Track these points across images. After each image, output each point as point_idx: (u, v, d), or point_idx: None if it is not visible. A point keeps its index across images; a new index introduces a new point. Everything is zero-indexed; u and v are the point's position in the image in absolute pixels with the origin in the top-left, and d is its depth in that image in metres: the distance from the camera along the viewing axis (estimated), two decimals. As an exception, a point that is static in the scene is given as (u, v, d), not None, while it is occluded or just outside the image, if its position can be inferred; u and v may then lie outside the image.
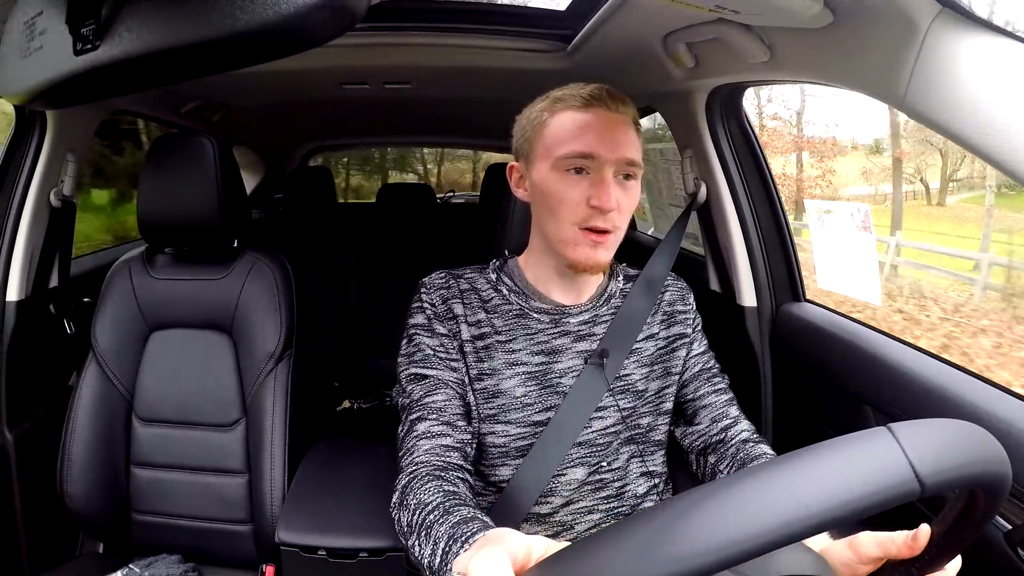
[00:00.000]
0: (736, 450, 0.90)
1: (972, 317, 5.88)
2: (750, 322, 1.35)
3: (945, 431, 0.37)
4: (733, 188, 1.33)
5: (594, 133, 0.82)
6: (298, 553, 1.09)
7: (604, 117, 0.83)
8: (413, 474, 0.78)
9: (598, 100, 0.84)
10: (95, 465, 1.24)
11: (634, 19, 1.14)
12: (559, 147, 0.83)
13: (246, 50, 0.43)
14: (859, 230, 1.33)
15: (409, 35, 1.33)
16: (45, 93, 0.54)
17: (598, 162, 0.82)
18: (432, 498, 0.72)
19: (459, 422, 0.85)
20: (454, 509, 0.69)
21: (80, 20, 0.47)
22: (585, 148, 0.82)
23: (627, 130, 0.84)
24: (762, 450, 0.89)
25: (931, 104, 0.67)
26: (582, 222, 0.83)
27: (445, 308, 0.92)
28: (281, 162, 3.01)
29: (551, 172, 0.84)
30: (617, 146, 0.82)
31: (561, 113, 0.85)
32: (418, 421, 0.85)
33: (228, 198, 1.24)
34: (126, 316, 1.29)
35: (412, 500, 0.74)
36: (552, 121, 0.86)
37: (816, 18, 0.77)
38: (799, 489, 0.33)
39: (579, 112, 0.84)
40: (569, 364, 0.91)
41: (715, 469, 0.92)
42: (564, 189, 0.83)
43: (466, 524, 0.65)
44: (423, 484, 0.75)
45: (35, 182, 1.31)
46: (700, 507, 0.33)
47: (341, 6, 0.41)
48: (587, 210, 0.82)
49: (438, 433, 0.83)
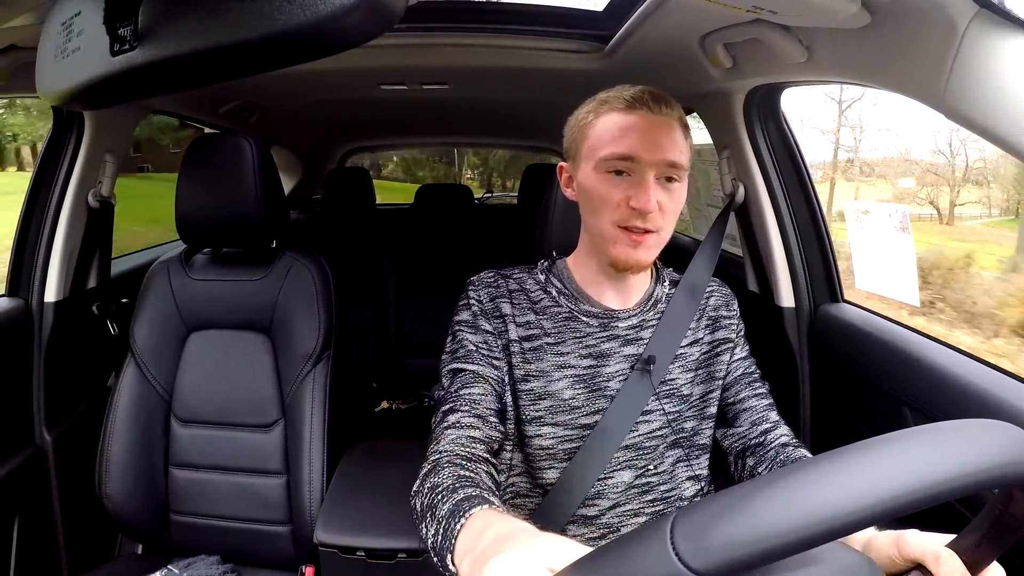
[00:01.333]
0: (775, 454, 0.90)
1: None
2: (788, 323, 1.34)
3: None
4: (771, 189, 1.33)
5: (636, 135, 0.82)
6: (337, 554, 1.09)
7: (647, 119, 0.83)
8: (435, 463, 0.77)
9: (641, 102, 0.84)
10: (134, 466, 1.24)
11: (672, 20, 1.14)
12: (601, 149, 0.84)
13: (284, 51, 0.43)
14: (897, 231, 1.32)
15: (446, 35, 1.33)
16: (82, 94, 0.54)
17: (639, 164, 0.82)
18: (443, 481, 0.72)
19: (491, 417, 0.85)
20: (460, 488, 0.69)
21: (117, 21, 0.47)
22: (626, 150, 0.82)
23: (670, 132, 0.84)
24: (801, 453, 0.89)
25: (970, 105, 0.67)
26: (621, 221, 0.83)
27: (492, 306, 0.92)
28: (319, 163, 3.02)
29: (594, 173, 0.85)
30: (659, 148, 0.82)
31: (605, 115, 0.86)
32: (450, 412, 0.84)
33: (267, 199, 1.24)
34: (164, 317, 1.30)
35: (426, 485, 0.74)
36: (597, 123, 0.86)
37: (854, 18, 0.77)
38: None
39: (622, 114, 0.84)
40: (617, 368, 0.91)
41: (753, 472, 0.92)
42: (606, 190, 0.84)
43: (468, 501, 0.65)
44: (440, 471, 0.75)
45: (73, 183, 1.32)
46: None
47: (379, 6, 0.40)
48: (627, 211, 0.82)
49: (467, 424, 0.83)
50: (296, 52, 0.43)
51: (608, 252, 0.86)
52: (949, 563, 0.50)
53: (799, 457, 0.88)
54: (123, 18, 0.47)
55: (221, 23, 0.42)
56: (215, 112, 1.89)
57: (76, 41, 0.52)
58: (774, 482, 0.35)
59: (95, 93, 0.54)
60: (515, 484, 0.92)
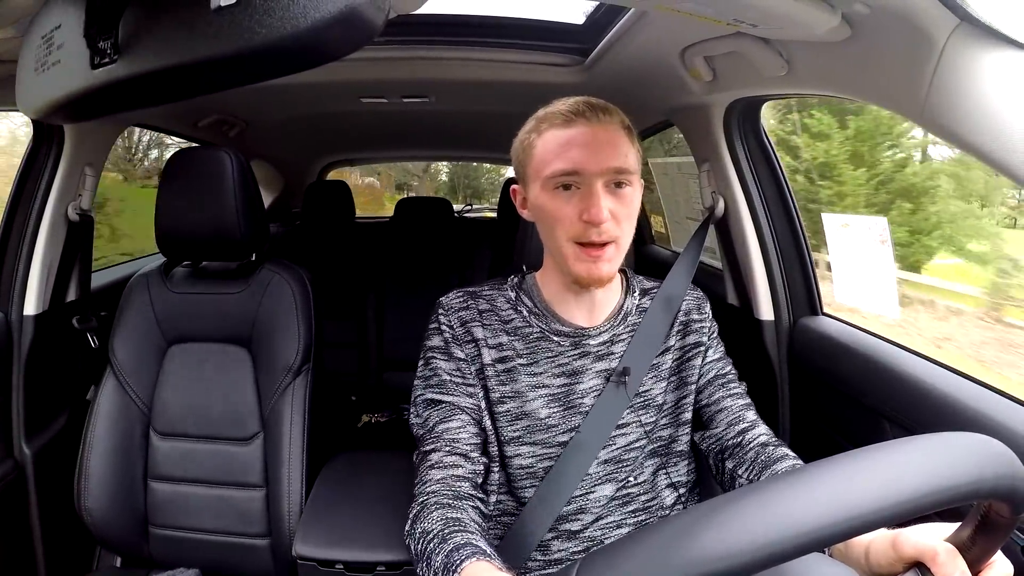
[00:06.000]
0: (756, 454, 0.89)
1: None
2: (768, 336, 1.35)
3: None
4: (751, 202, 1.33)
5: (577, 148, 0.82)
6: (315, 567, 1.09)
7: (586, 130, 0.83)
8: (423, 504, 0.81)
9: (578, 114, 0.84)
10: (113, 479, 1.24)
11: (652, 33, 1.14)
12: (546, 167, 0.84)
13: (264, 65, 0.43)
14: (877, 244, 1.33)
15: (427, 48, 1.33)
16: (62, 107, 0.54)
17: (584, 176, 0.82)
18: (433, 526, 0.75)
19: (472, 453, 0.87)
20: (450, 536, 0.72)
21: (98, 34, 0.47)
22: (569, 165, 0.82)
23: (612, 139, 0.83)
24: (783, 452, 0.88)
25: (950, 118, 0.68)
26: (577, 237, 0.83)
27: (464, 331, 0.92)
28: (299, 176, 3.02)
29: (543, 192, 0.85)
30: (602, 157, 0.82)
31: (546, 133, 0.85)
32: (432, 452, 0.87)
33: (247, 212, 1.24)
34: (144, 330, 1.30)
35: (418, 529, 0.77)
36: (538, 143, 0.86)
37: (834, 32, 0.77)
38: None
39: (561, 129, 0.84)
40: (590, 384, 0.91)
41: (733, 474, 0.91)
42: (557, 207, 0.84)
43: (457, 552, 0.68)
44: (429, 513, 0.78)
45: (52, 196, 1.32)
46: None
47: (358, 20, 0.40)
48: (581, 225, 0.82)
49: (450, 464, 0.85)
50: (276, 65, 0.44)
51: (570, 270, 0.86)
52: (950, 562, 0.49)
53: (780, 457, 0.86)
54: (104, 31, 0.47)
55: (201, 36, 0.42)
56: (195, 126, 1.89)
57: (56, 54, 0.52)
58: (671, 524, 0.36)
59: (75, 106, 0.54)
60: (501, 502, 0.92)
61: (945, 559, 0.49)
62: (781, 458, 0.86)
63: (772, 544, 0.34)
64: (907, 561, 0.53)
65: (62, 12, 0.52)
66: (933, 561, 0.50)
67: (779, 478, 0.38)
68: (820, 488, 0.36)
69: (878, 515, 0.35)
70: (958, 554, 0.49)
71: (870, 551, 0.57)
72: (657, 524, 0.37)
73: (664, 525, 0.36)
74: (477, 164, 8.25)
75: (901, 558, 0.53)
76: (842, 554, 0.62)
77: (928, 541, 0.51)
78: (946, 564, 0.49)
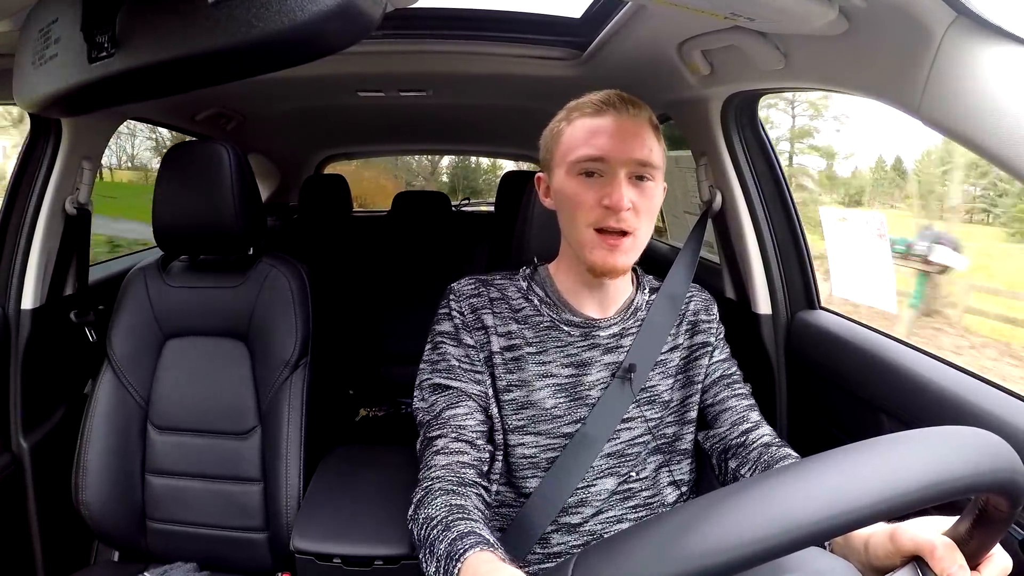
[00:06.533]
0: (759, 454, 0.89)
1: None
2: (765, 330, 1.35)
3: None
4: (748, 196, 1.33)
5: (605, 136, 0.83)
6: (313, 561, 1.09)
7: (615, 120, 0.84)
8: (427, 489, 0.80)
9: (609, 104, 0.85)
10: (110, 473, 1.24)
11: (649, 27, 1.14)
12: (572, 152, 0.85)
13: (261, 58, 0.44)
14: (875, 238, 1.33)
15: (424, 42, 1.33)
16: (60, 100, 0.55)
17: (609, 164, 0.83)
18: (437, 513, 0.75)
19: (478, 440, 0.87)
20: (454, 524, 0.72)
21: (95, 28, 0.47)
22: (595, 151, 0.83)
23: (639, 132, 0.84)
24: (786, 452, 0.88)
25: (947, 112, 0.68)
26: (596, 223, 0.84)
27: (474, 318, 0.92)
28: (296, 170, 3.02)
29: (567, 177, 0.86)
30: (628, 148, 0.83)
31: (576, 121, 0.87)
32: (438, 437, 0.86)
33: (244, 206, 1.24)
34: (141, 324, 1.29)
35: (422, 515, 0.77)
36: (567, 129, 0.88)
37: (831, 25, 0.78)
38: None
39: (591, 118, 0.85)
40: (597, 376, 0.92)
41: (736, 474, 0.92)
42: (579, 192, 0.85)
43: (461, 540, 0.68)
44: (433, 499, 0.78)
45: (50, 190, 1.31)
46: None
47: (356, 14, 0.41)
48: (601, 211, 0.83)
49: (456, 450, 0.85)
50: (273, 59, 0.44)
51: (585, 257, 0.86)
52: (948, 555, 0.48)
53: (782, 457, 0.87)
54: (101, 25, 0.47)
55: (199, 30, 0.42)
56: (192, 119, 1.89)
57: (54, 48, 0.53)
58: (668, 519, 0.35)
59: (73, 100, 0.54)
60: (500, 493, 0.92)
61: (943, 553, 0.49)
62: (784, 458, 0.87)
63: (770, 539, 0.34)
64: (905, 555, 0.53)
65: (59, 6, 0.52)
66: (931, 555, 0.49)
67: (776, 472, 0.38)
68: (818, 482, 0.36)
69: (876, 509, 0.35)
70: (956, 548, 0.49)
71: (869, 544, 0.57)
72: (655, 518, 0.37)
73: (662, 519, 0.36)
74: (475, 167, 8.28)
75: (899, 551, 0.53)
76: (841, 548, 0.62)
77: (926, 535, 0.51)
78: (944, 558, 0.48)
